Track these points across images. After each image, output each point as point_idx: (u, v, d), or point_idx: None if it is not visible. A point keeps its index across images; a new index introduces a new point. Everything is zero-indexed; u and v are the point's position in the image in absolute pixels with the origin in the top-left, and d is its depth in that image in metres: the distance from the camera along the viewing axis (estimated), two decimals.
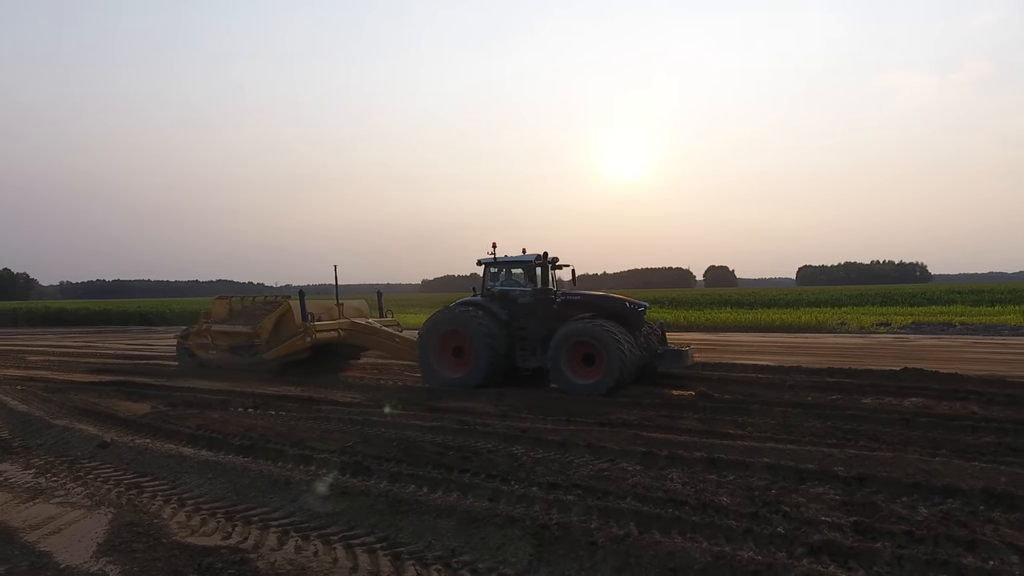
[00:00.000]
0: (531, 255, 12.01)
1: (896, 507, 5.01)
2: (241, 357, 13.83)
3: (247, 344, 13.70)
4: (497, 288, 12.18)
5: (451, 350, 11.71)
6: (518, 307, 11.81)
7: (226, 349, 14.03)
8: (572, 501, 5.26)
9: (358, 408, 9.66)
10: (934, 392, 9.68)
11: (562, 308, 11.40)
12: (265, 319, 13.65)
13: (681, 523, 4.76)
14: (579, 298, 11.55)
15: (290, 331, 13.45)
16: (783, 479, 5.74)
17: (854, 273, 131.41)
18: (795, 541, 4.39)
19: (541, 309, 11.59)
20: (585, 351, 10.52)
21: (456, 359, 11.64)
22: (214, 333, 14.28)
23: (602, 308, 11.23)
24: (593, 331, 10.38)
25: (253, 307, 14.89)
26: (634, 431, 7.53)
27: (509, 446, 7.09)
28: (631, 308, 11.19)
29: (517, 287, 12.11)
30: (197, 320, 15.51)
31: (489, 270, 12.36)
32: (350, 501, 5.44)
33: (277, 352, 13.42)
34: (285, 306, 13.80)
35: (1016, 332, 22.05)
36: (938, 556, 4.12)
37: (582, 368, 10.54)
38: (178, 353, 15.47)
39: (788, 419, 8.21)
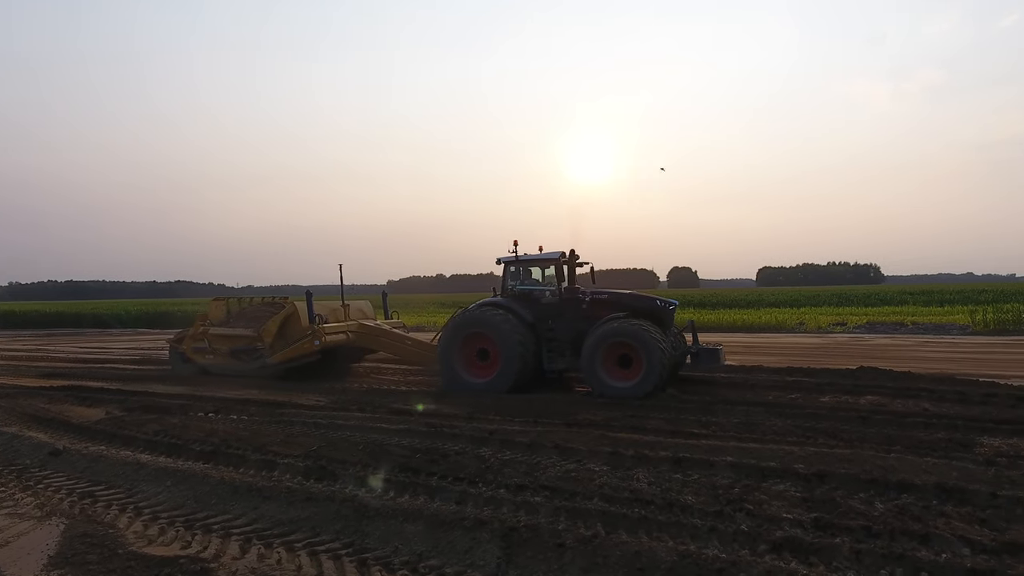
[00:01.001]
0: (555, 253, 11.55)
1: (854, 503, 5.14)
2: (242, 362, 13.09)
3: (249, 348, 12.95)
4: (518, 288, 11.67)
5: (475, 354, 11.15)
6: (542, 307, 11.27)
7: (226, 353, 13.22)
8: (540, 503, 5.27)
9: (323, 411, 9.51)
10: (889, 390, 9.98)
11: (590, 308, 10.94)
12: (269, 321, 12.93)
13: (648, 523, 4.81)
14: (606, 297, 11.12)
15: (295, 334, 12.78)
16: (746, 477, 5.85)
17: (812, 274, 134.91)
18: (758, 538, 4.48)
19: (569, 309, 11.08)
20: (621, 352, 10.10)
21: (481, 363, 11.07)
22: (212, 336, 13.44)
23: (633, 307, 10.82)
24: (632, 331, 9.96)
25: (253, 309, 14.19)
26: (601, 431, 7.58)
27: (477, 448, 7.06)
28: (662, 306, 10.85)
29: (539, 286, 11.65)
30: (192, 323, 14.62)
31: (509, 269, 11.83)
32: (315, 507, 5.35)
33: (282, 356, 12.69)
34: (290, 307, 13.10)
35: (964, 331, 22.90)
36: (894, 550, 4.25)
37: (617, 370, 10.10)
38: (171, 358, 14.64)
39: (750, 418, 8.37)
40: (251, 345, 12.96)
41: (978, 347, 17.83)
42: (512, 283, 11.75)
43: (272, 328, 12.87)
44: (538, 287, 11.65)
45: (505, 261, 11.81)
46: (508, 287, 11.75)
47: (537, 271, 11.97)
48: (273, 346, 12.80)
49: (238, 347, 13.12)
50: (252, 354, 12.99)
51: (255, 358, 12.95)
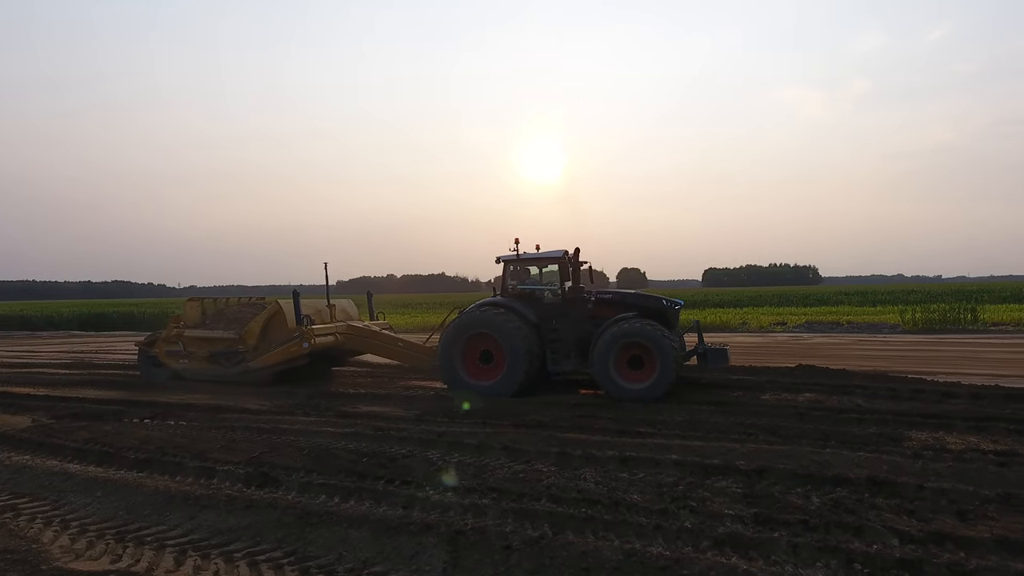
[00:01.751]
0: (558, 251, 11.18)
1: (792, 497, 5.31)
2: (222, 366, 12.32)
3: (230, 351, 12.23)
4: (519, 287, 11.35)
5: (478, 356, 10.77)
6: (544, 307, 10.94)
7: (203, 357, 12.43)
8: (488, 505, 5.25)
9: (267, 416, 9.25)
10: (825, 388, 10.36)
11: (596, 308, 10.70)
12: (251, 322, 12.26)
13: (594, 522, 4.84)
14: (611, 297, 10.91)
15: (280, 336, 12.08)
16: (690, 475, 5.97)
17: (754, 275, 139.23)
18: (701, 535, 4.57)
19: (574, 309, 10.80)
20: (632, 354, 9.92)
21: (484, 366, 10.71)
22: (187, 339, 12.62)
23: (640, 307, 10.65)
24: (646, 332, 9.77)
25: (232, 310, 13.50)
26: (549, 432, 7.62)
27: (425, 451, 6.99)
28: (668, 306, 10.70)
29: (542, 286, 11.36)
30: (165, 325, 13.62)
31: (510, 268, 11.48)
32: (256, 515, 5.19)
33: (267, 359, 12.00)
34: (274, 307, 12.39)
35: (895, 330, 24.03)
36: (829, 543, 4.39)
37: (629, 372, 9.93)
38: (140, 363, 13.54)
39: (695, 416, 8.54)
40: (232, 348, 12.22)
41: (907, 345, 18.72)
42: (512, 283, 11.41)
43: (255, 329, 12.21)
44: (541, 287, 11.35)
45: (505, 260, 11.43)
46: (509, 287, 11.40)
47: (535, 270, 11.62)
48: (256, 349, 12.13)
49: (217, 350, 12.32)
50: (233, 358, 12.23)
51: (236, 362, 12.20)
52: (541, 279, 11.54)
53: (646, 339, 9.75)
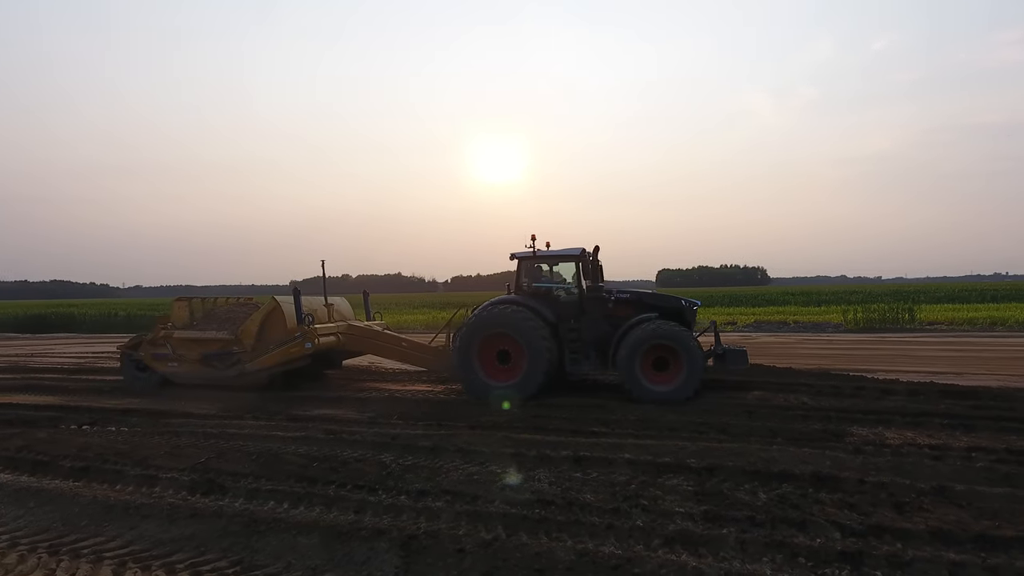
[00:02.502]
0: (575, 249, 10.84)
1: (740, 494, 5.43)
2: (215, 369, 11.60)
3: (224, 352, 11.52)
4: (535, 285, 11.05)
5: (495, 356, 10.41)
6: (561, 306, 10.69)
7: (194, 360, 11.67)
8: (441, 508, 5.21)
9: (214, 420, 8.98)
10: (772, 385, 10.65)
11: (615, 308, 10.47)
12: (247, 322, 11.56)
13: (548, 523, 4.85)
14: (629, 296, 10.66)
15: (278, 335, 11.45)
16: (642, 473, 6.04)
17: (706, 276, 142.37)
18: (652, 533, 4.63)
19: (593, 308, 10.52)
20: (657, 355, 9.77)
21: (501, 366, 10.37)
22: (176, 341, 11.82)
23: (659, 307, 10.50)
24: (673, 334, 9.64)
25: (223, 309, 12.85)
26: (504, 433, 7.61)
27: (378, 454, 6.89)
28: (687, 306, 10.57)
29: (560, 284, 11.10)
30: (152, 327, 12.66)
31: (525, 265, 11.15)
32: (200, 523, 5.03)
33: (265, 361, 11.31)
34: (271, 305, 11.68)
35: (838, 330, 24.91)
36: (775, 538, 4.51)
37: (654, 374, 9.78)
38: (123, 367, 12.64)
39: (648, 415, 8.65)
40: (226, 349, 11.51)
41: (850, 344, 19.42)
42: (527, 280, 11.11)
43: (252, 329, 11.50)
44: (559, 285, 11.11)
45: (520, 257, 11.09)
46: (524, 284, 11.09)
47: (562, 267, 11.34)
48: (254, 350, 11.47)
49: (210, 352, 11.60)
50: (227, 360, 11.50)
51: (231, 364, 11.48)
52: (551, 276, 11.30)
53: (674, 341, 9.63)
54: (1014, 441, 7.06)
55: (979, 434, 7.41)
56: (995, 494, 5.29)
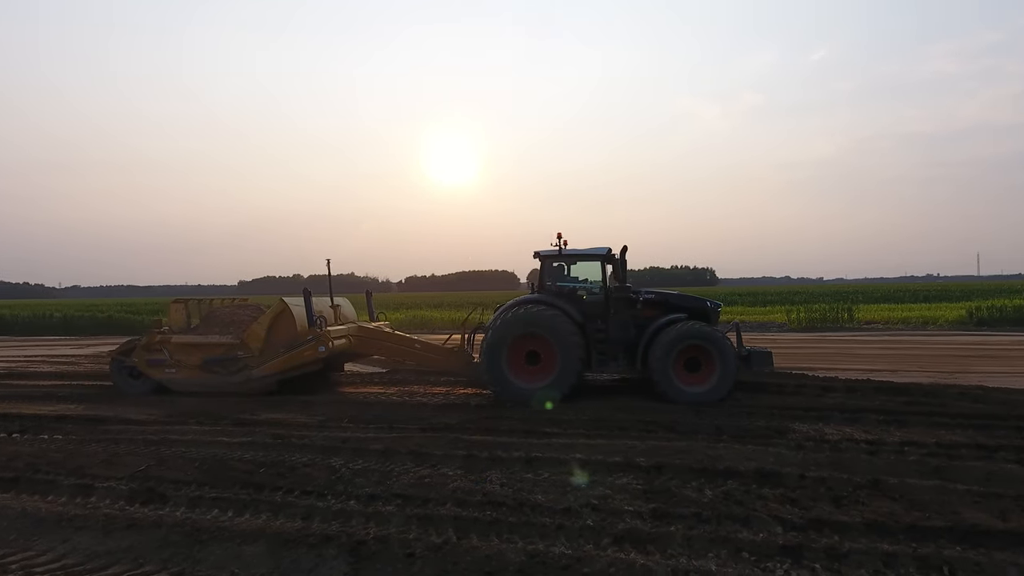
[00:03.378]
0: (602, 248, 10.73)
1: (687, 491, 5.55)
2: (217, 374, 11.07)
3: (228, 357, 11.01)
4: (559, 284, 10.87)
5: (523, 356, 10.19)
6: (587, 306, 10.53)
7: (195, 365, 11.11)
8: (391, 512, 5.15)
9: (155, 426, 8.66)
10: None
11: (643, 308, 10.37)
12: (254, 324, 11.03)
13: (499, 525, 4.86)
14: (655, 297, 10.61)
15: (285, 338, 10.96)
16: (593, 473, 6.11)
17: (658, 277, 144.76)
18: (602, 532, 4.68)
19: (620, 309, 10.37)
20: (689, 356, 9.73)
21: (530, 367, 10.15)
22: (174, 346, 11.23)
23: (686, 307, 10.46)
24: (707, 334, 9.63)
25: (223, 311, 12.22)
26: (456, 435, 7.57)
27: (328, 458, 6.77)
28: (712, 307, 10.55)
29: (586, 283, 10.93)
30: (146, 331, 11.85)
31: (549, 264, 10.94)
32: (139, 534, 4.84)
33: (274, 366, 10.81)
34: (279, 306, 11.13)
35: (782, 329, 25.74)
36: (720, 534, 4.63)
37: (685, 375, 9.73)
38: (115, 374, 11.85)
39: (600, 414, 8.76)
40: (230, 354, 11.01)
41: (793, 342, 20.08)
42: (551, 280, 10.90)
43: (259, 332, 10.96)
44: (586, 284, 10.95)
45: (545, 255, 10.90)
46: (548, 284, 10.88)
47: (588, 266, 11.11)
48: (262, 354, 10.96)
49: (213, 357, 11.07)
50: (231, 365, 11.02)
51: (237, 369, 10.99)
52: (568, 275, 11.13)
53: (708, 342, 9.63)
54: (943, 435, 7.42)
55: (911, 429, 7.75)
56: (925, 486, 5.54)
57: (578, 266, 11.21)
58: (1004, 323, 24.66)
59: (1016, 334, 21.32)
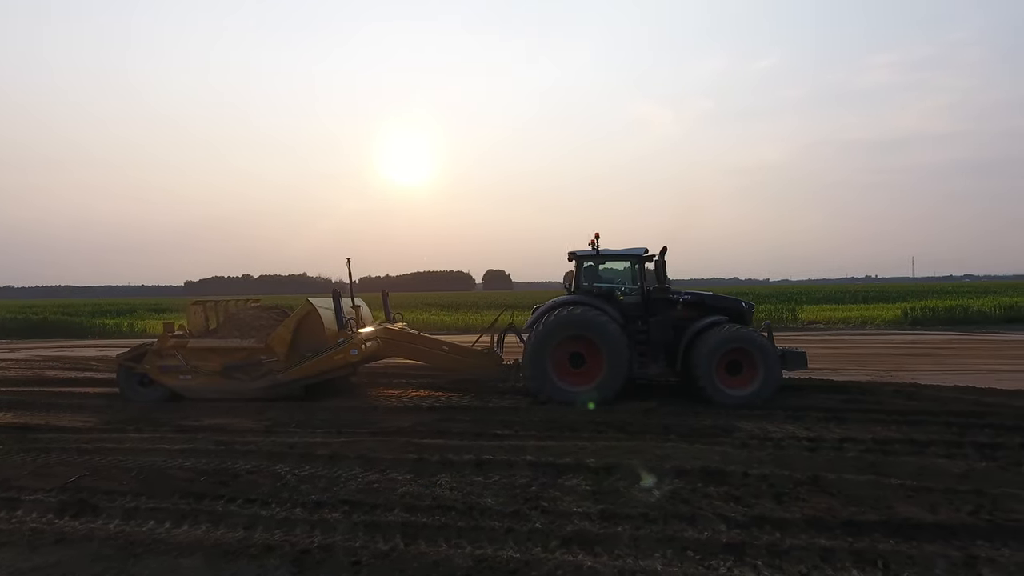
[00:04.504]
0: (639, 248, 10.57)
1: (636, 492, 5.61)
2: (239, 381, 10.46)
3: (250, 362, 10.44)
4: (596, 285, 10.68)
5: (567, 358, 9.96)
6: (626, 307, 10.40)
7: (214, 371, 10.46)
8: (338, 519, 5.05)
9: (91, 434, 8.27)
10: (667, 385, 11.09)
11: (683, 309, 10.31)
12: (280, 327, 10.51)
13: (447, 530, 4.81)
14: (693, 298, 10.51)
15: (313, 342, 10.51)
16: (543, 475, 6.11)
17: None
18: (550, 534, 4.69)
19: (660, 310, 10.32)
20: (731, 359, 9.63)
21: (574, 369, 9.91)
22: (190, 351, 10.56)
23: (723, 308, 10.42)
24: (751, 337, 9.60)
25: (245, 313, 11.60)
26: (407, 438, 7.48)
27: (273, 464, 6.59)
28: (747, 308, 10.54)
29: (624, 284, 10.74)
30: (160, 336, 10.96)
31: (584, 265, 10.79)
32: (68, 549, 4.62)
33: (303, 371, 10.35)
34: (306, 308, 10.62)
35: None
36: (667, 533, 4.69)
37: (727, 377, 9.63)
38: (122, 382, 11.02)
39: (551, 416, 8.79)
40: (252, 359, 10.47)
41: None
42: (587, 281, 10.74)
43: (285, 336, 10.43)
44: (622, 285, 10.77)
45: (581, 256, 10.74)
46: (584, 285, 10.71)
47: (625, 267, 11.01)
48: (287, 358, 10.48)
49: (234, 362, 10.49)
50: (254, 370, 10.46)
51: (260, 375, 10.44)
52: (595, 276, 10.95)
53: (753, 346, 9.58)
54: (879, 431, 7.72)
55: (850, 425, 8.04)
56: (861, 481, 5.75)
57: (606, 266, 11.11)
58: (936, 323, 25.89)
59: (946, 333, 22.39)
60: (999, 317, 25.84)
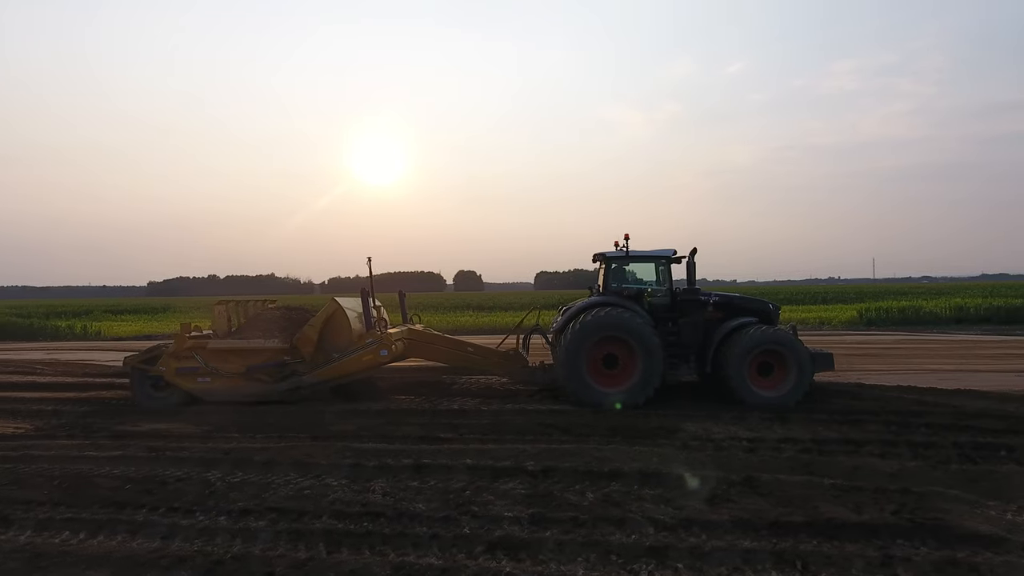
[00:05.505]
0: (668, 249, 10.56)
1: (569, 495, 5.57)
2: (263, 383, 10.10)
3: (274, 363, 10.08)
4: (625, 287, 10.56)
5: (600, 360, 9.80)
6: (656, 309, 10.31)
7: (235, 374, 10.07)
8: (261, 528, 4.92)
9: (17, 441, 7.94)
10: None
11: (713, 311, 10.21)
12: (306, 328, 10.19)
13: (372, 537, 4.73)
14: (719, 299, 10.42)
15: (339, 343, 10.22)
16: (480, 478, 6.05)
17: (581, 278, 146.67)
18: (476, 540, 4.64)
19: (692, 311, 10.25)
20: (762, 360, 9.59)
21: (607, 371, 9.77)
22: (209, 353, 10.11)
23: (752, 310, 10.37)
24: (785, 339, 9.56)
25: (267, 314, 11.23)
26: (347, 443, 7.35)
27: (205, 471, 6.41)
28: (773, 309, 10.49)
29: (654, 286, 10.64)
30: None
31: (611, 266, 10.69)
32: None
33: (330, 372, 10.01)
34: (332, 307, 10.30)
35: None
36: (593, 537, 4.67)
37: (758, 379, 9.58)
38: (135, 386, 10.45)
39: (499, 419, 8.74)
40: (276, 360, 10.13)
41: None
42: (616, 282, 10.64)
43: (311, 336, 10.14)
44: (650, 286, 10.67)
45: (610, 257, 10.67)
46: (613, 286, 10.60)
47: (653, 267, 10.83)
48: (314, 359, 10.19)
49: (257, 364, 10.12)
50: (278, 371, 10.12)
51: (284, 376, 10.09)
52: (623, 277, 10.87)
53: (786, 348, 9.54)
54: (820, 431, 7.84)
55: (791, 426, 8.14)
56: (794, 481, 5.81)
57: (629, 267, 11.03)
58: (889, 323, 26.52)
59: (898, 333, 22.96)
60: (949, 318, 26.60)
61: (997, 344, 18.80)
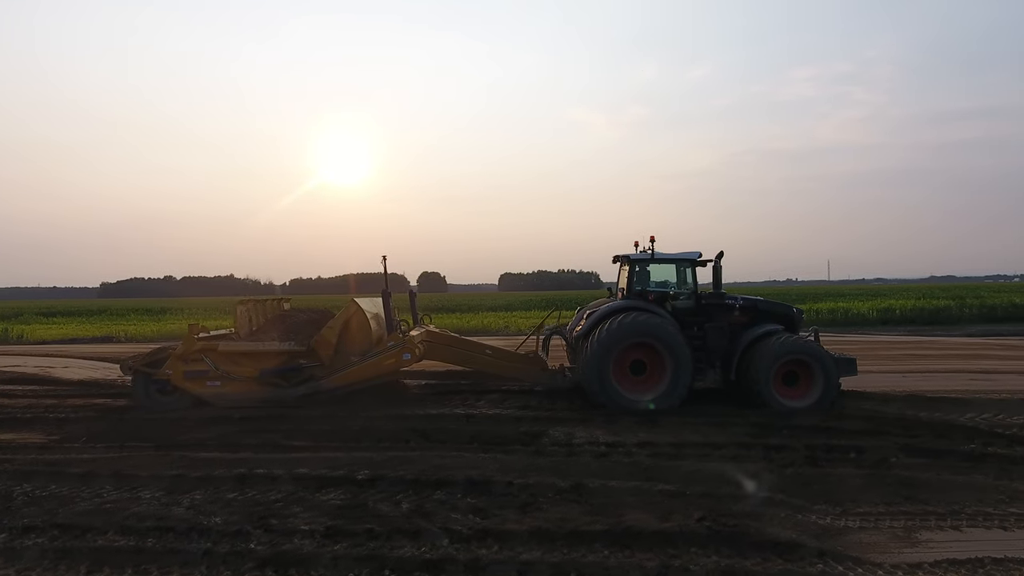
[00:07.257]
0: (693, 252, 10.37)
1: (383, 505, 5.38)
2: (277, 387, 9.68)
3: (289, 367, 9.70)
4: (649, 290, 10.31)
5: (628, 365, 9.53)
6: (679, 312, 10.07)
7: (248, 378, 9.61)
8: (31, 546, 4.66)
9: None
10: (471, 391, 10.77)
11: (739, 316, 10.01)
12: (324, 330, 9.81)
13: (143, 554, 4.48)
14: (744, 303, 10.17)
15: (358, 346, 9.85)
16: (304, 489, 5.83)
17: (545, 280, 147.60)
18: (251, 556, 4.43)
19: (718, 315, 10.02)
20: (788, 369, 9.37)
21: (635, 376, 9.52)
22: (220, 356, 9.60)
23: (776, 314, 10.18)
24: (812, 349, 9.38)
25: (284, 315, 10.87)
26: (186, 452, 7.04)
27: (17, 484, 6.07)
28: (797, 314, 10.30)
29: (677, 289, 10.41)
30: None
31: (635, 269, 10.42)
32: None
33: (349, 376, 9.61)
34: (351, 309, 9.94)
35: None
36: (377, 551, 4.50)
37: (783, 387, 9.36)
38: (138, 390, 9.93)
39: (372, 424, 8.42)
40: (292, 364, 9.73)
41: None
42: (640, 285, 10.39)
43: (329, 339, 9.79)
44: (675, 290, 10.45)
45: (634, 259, 10.39)
46: (638, 289, 10.33)
47: (677, 270, 10.61)
48: (333, 363, 9.75)
49: (271, 368, 9.70)
50: (294, 375, 9.74)
51: (300, 380, 9.71)
52: (646, 280, 10.63)
53: (813, 358, 9.36)
54: (686, 435, 7.76)
55: (658, 431, 8.02)
56: (624, 488, 5.72)
57: (650, 269, 10.80)
58: (835, 325, 26.95)
59: (845, 335, 23.33)
60: (875, 319, 27.21)
61: (904, 345, 19.26)
